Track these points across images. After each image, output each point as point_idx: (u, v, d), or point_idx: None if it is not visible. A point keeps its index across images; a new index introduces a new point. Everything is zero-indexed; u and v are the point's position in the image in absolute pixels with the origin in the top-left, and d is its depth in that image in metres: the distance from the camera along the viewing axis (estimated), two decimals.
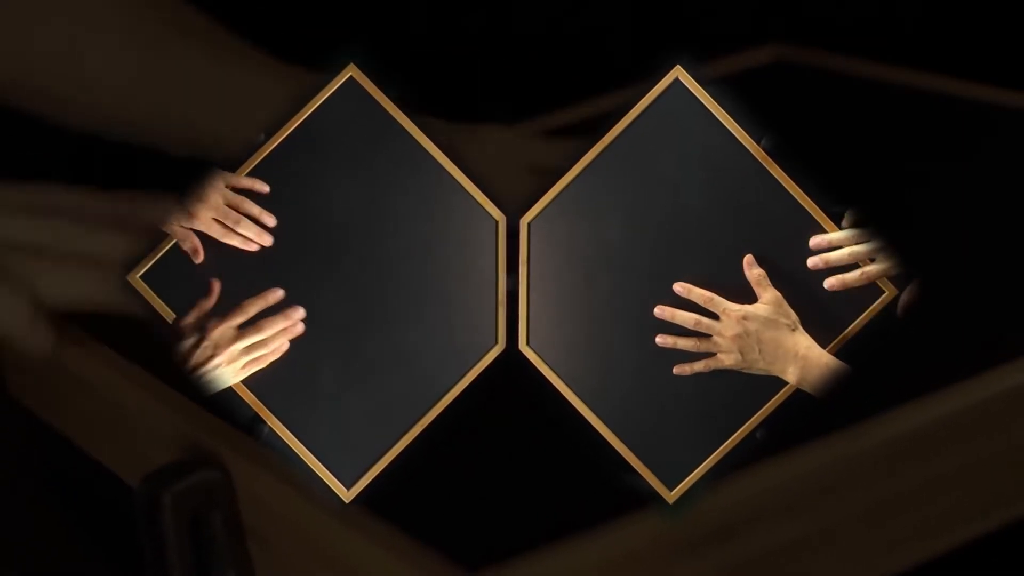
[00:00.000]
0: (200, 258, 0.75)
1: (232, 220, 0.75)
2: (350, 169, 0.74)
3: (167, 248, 0.77)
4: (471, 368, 0.74)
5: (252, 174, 0.74)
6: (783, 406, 0.74)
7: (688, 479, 0.73)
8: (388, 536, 0.77)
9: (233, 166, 0.75)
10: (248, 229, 0.75)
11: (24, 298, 0.88)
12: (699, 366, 0.73)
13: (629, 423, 0.74)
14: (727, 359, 0.73)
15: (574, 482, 0.78)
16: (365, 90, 0.74)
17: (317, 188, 0.74)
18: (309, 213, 0.74)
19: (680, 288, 0.73)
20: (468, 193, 0.73)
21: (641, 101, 0.73)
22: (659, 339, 0.73)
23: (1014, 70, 1.40)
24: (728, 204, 0.73)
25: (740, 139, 0.72)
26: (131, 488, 0.89)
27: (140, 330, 0.80)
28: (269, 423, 0.76)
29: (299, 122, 0.74)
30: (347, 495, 0.76)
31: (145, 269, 0.77)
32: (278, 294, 0.75)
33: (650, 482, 0.74)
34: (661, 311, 0.73)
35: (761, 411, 0.73)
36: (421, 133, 0.74)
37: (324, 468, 0.76)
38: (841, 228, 0.73)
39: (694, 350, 0.73)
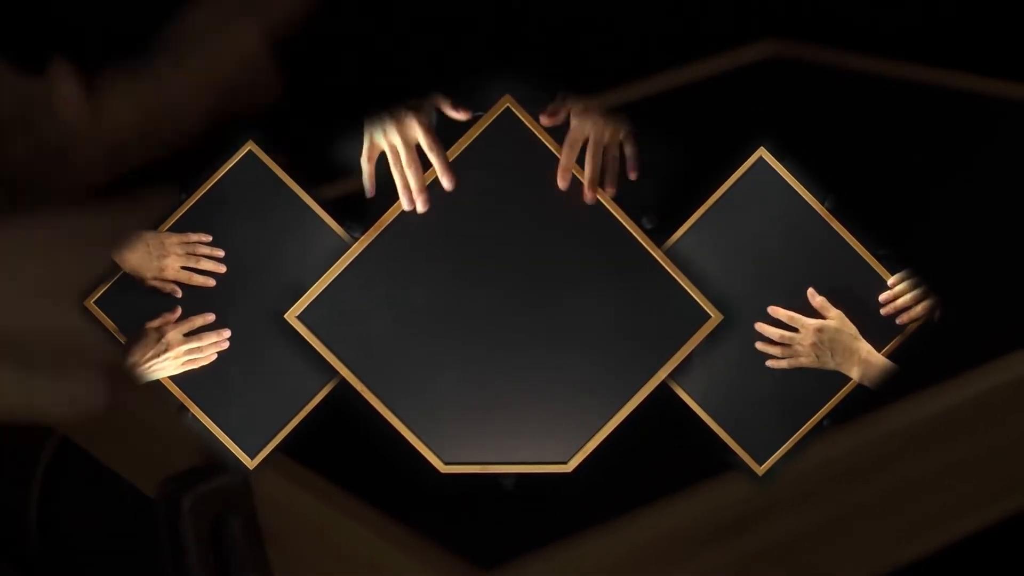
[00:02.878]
0: (180, 293, 0.85)
1: (195, 261, 0.85)
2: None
3: (118, 277, 0.84)
4: None
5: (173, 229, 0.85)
6: (846, 399, 0.85)
7: (774, 456, 0.84)
8: (406, 538, 0.79)
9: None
10: (208, 264, 0.85)
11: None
12: (784, 363, 0.85)
13: (728, 412, 0.84)
14: (805, 360, 0.84)
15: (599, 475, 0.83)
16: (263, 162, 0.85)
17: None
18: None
19: (772, 311, 0.86)
20: None
21: (733, 175, 0.85)
22: (758, 345, 0.86)
23: (1013, 62, 1.39)
24: (801, 250, 0.85)
25: (808, 200, 0.85)
26: (143, 493, 0.91)
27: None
28: (191, 409, 0.85)
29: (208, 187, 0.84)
30: (251, 463, 0.84)
31: (99, 295, 0.84)
32: (210, 317, 0.85)
33: (743, 458, 0.84)
34: (759, 327, 0.86)
35: (829, 403, 0.85)
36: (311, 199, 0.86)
37: (233, 443, 0.84)
38: (891, 272, 0.84)
39: (781, 355, 0.85)
